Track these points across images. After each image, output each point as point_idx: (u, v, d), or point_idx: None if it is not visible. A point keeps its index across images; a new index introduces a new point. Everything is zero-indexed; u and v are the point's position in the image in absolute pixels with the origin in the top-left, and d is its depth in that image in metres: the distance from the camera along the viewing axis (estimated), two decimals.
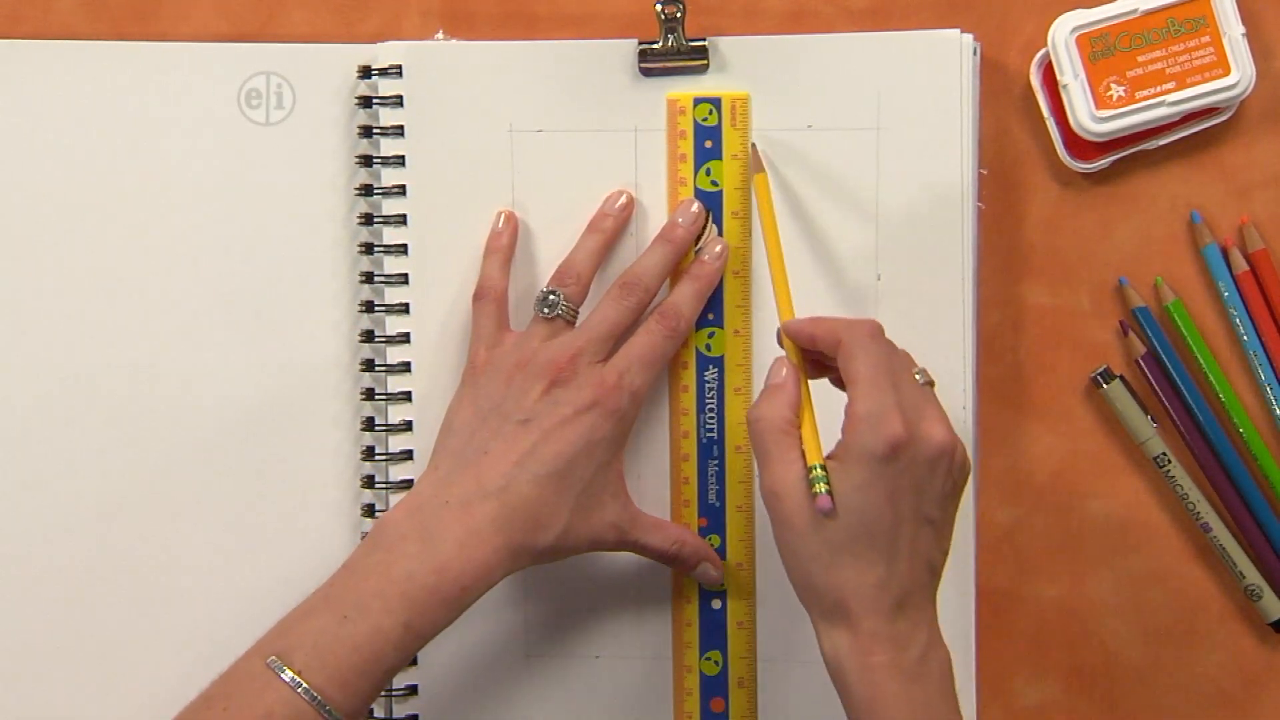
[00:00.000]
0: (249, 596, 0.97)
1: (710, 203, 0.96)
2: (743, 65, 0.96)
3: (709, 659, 0.97)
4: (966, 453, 0.85)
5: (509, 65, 0.96)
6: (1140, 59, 0.94)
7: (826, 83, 0.95)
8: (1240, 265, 0.96)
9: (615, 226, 0.95)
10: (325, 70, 0.98)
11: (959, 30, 0.95)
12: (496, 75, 0.96)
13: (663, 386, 0.96)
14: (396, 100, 0.97)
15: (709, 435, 0.96)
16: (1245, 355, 0.96)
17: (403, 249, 0.97)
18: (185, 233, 0.98)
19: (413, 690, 0.97)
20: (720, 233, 0.96)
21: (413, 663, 0.96)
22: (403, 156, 0.97)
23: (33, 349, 0.98)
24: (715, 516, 0.96)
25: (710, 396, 0.96)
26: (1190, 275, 0.97)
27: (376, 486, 0.97)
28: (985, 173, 0.97)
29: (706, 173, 0.96)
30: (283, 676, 0.84)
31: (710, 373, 0.96)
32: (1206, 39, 0.94)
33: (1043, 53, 0.96)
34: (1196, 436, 0.96)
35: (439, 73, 0.97)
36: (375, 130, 0.97)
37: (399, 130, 0.97)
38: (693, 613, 0.97)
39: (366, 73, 0.97)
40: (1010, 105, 0.97)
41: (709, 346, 0.96)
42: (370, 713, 0.97)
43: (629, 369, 0.92)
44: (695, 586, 0.97)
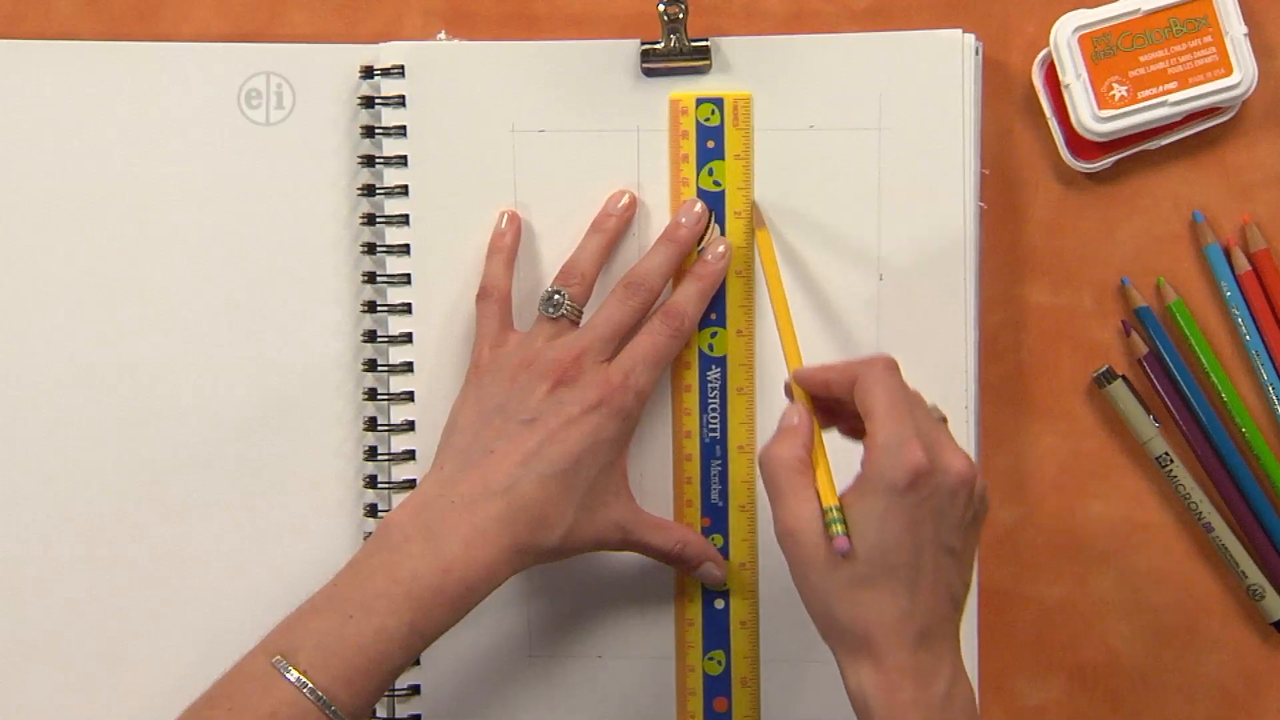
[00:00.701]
0: (251, 596, 0.97)
1: (713, 203, 0.96)
2: (745, 65, 0.96)
3: (712, 658, 0.97)
4: (987, 485, 0.84)
5: (511, 65, 0.96)
6: (1142, 59, 0.94)
7: (828, 83, 0.95)
8: (1242, 265, 0.96)
9: (618, 226, 0.95)
10: (326, 70, 0.98)
11: (961, 30, 0.95)
12: (499, 75, 0.96)
13: (665, 386, 0.96)
14: (399, 100, 0.97)
15: (711, 435, 0.96)
16: (1247, 355, 0.96)
17: (405, 249, 0.97)
18: (186, 233, 0.98)
19: (415, 690, 0.97)
20: (723, 233, 0.96)
21: (415, 663, 0.96)
22: (405, 156, 0.97)
23: (33, 349, 0.98)
24: (718, 516, 0.96)
25: (713, 396, 0.96)
26: (1192, 275, 0.97)
27: (379, 486, 0.97)
28: (987, 172, 0.97)
29: (709, 173, 0.96)
30: (288, 676, 0.84)
31: (713, 373, 0.96)
32: (1209, 39, 0.94)
33: (1045, 52, 0.96)
34: (1199, 436, 0.96)
35: (441, 73, 0.97)
36: (377, 130, 0.97)
37: (401, 130, 0.97)
38: (695, 612, 0.97)
39: (369, 73, 0.97)
40: (1012, 105, 0.97)
41: (712, 346, 0.96)
42: (373, 713, 0.97)
43: (634, 369, 0.92)
44: (698, 586, 0.96)
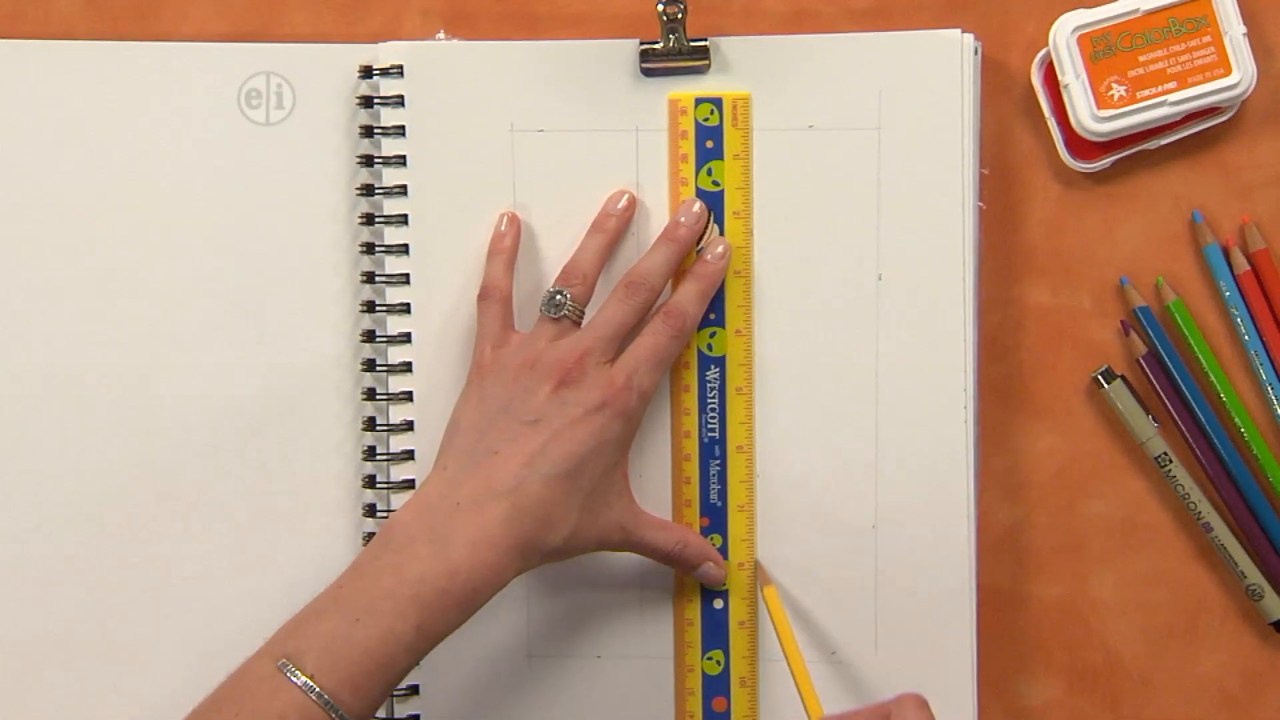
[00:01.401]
0: (250, 596, 0.97)
1: (712, 202, 0.96)
2: (744, 65, 0.96)
3: (711, 658, 0.97)
4: None
5: (510, 65, 0.96)
6: (1141, 59, 0.94)
7: (827, 82, 0.95)
8: (1241, 265, 0.96)
9: (618, 226, 0.95)
10: (326, 70, 0.98)
11: (960, 30, 0.95)
12: (498, 75, 0.96)
13: (664, 386, 0.96)
14: (398, 100, 0.97)
15: (710, 435, 0.96)
16: (1246, 355, 0.96)
17: (404, 249, 0.97)
18: (185, 233, 0.98)
19: (414, 690, 0.97)
20: (722, 232, 0.96)
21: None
22: (404, 156, 0.97)
23: (33, 349, 0.98)
24: (717, 516, 0.96)
25: (712, 396, 0.96)
26: (1191, 275, 0.97)
27: (378, 486, 0.97)
28: (986, 172, 0.97)
29: (708, 172, 0.96)
30: (294, 679, 0.84)
31: (712, 372, 0.96)
32: (1208, 38, 0.94)
33: (1044, 52, 0.96)
34: (1198, 436, 0.96)
35: (440, 73, 0.97)
36: (376, 130, 0.97)
37: (400, 130, 0.97)
38: (694, 612, 0.97)
39: (368, 72, 0.97)
40: (1011, 105, 0.97)
41: (710, 346, 0.96)
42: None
43: (637, 369, 0.92)
44: (697, 586, 0.96)
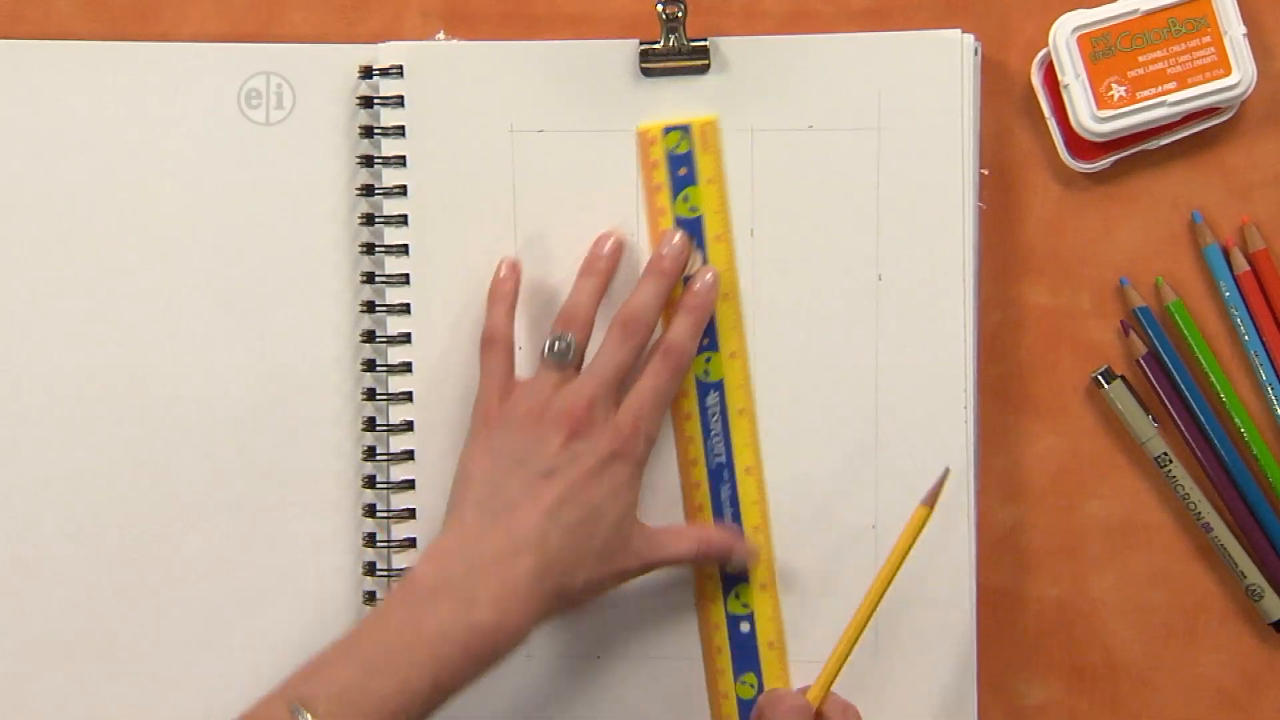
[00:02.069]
0: (249, 597, 0.97)
1: (691, 229, 0.96)
2: (743, 65, 0.96)
3: (744, 683, 0.96)
4: None
5: (510, 65, 0.96)
6: (1141, 59, 0.94)
7: (827, 83, 0.95)
8: (1241, 265, 0.96)
9: (609, 267, 0.95)
10: (325, 70, 0.98)
11: (960, 30, 0.95)
12: (497, 75, 0.96)
13: (666, 417, 0.96)
14: (398, 100, 0.97)
15: (717, 460, 0.96)
16: (1246, 355, 0.96)
17: (404, 249, 0.97)
18: (185, 233, 0.98)
19: None
20: (704, 259, 0.96)
21: None
22: (404, 157, 0.97)
23: (32, 349, 0.98)
24: None
25: (715, 421, 0.96)
26: (1191, 275, 0.97)
27: (378, 486, 0.97)
28: (986, 173, 0.97)
29: (685, 199, 0.96)
30: None
31: (712, 398, 0.96)
32: (1207, 39, 0.94)
33: (1044, 53, 0.96)
34: (1198, 436, 0.96)
35: (440, 73, 0.97)
36: (376, 130, 0.97)
37: (400, 130, 0.97)
38: (722, 638, 0.96)
39: (368, 73, 0.97)
40: (1011, 105, 0.97)
41: (707, 372, 0.96)
42: None
43: (642, 414, 0.92)
44: (722, 612, 0.96)
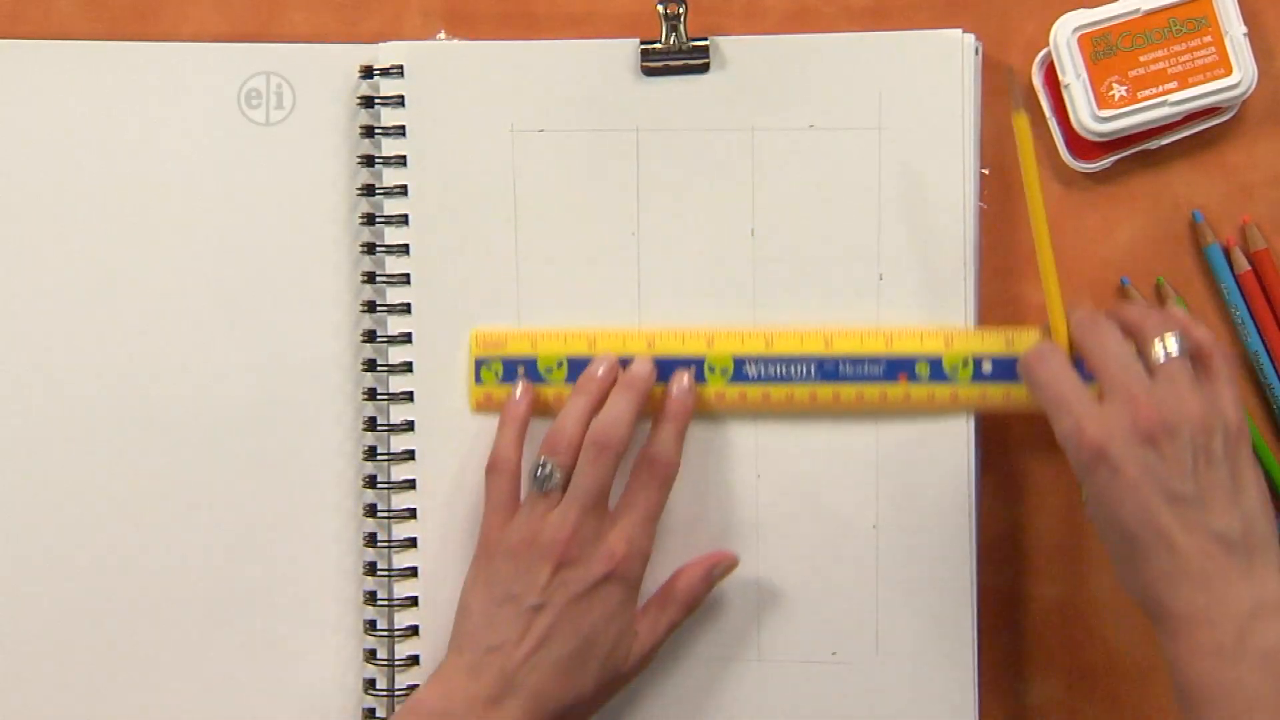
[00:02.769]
0: (249, 597, 0.97)
1: None
2: (744, 65, 0.96)
3: None
4: (1213, 412, 0.85)
5: (510, 65, 0.96)
6: (1142, 59, 0.94)
7: (828, 82, 0.95)
8: (1242, 265, 0.96)
9: (601, 389, 0.94)
10: (326, 70, 0.98)
11: (961, 30, 0.95)
12: (498, 75, 0.96)
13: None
14: (398, 100, 0.97)
15: None
16: (1247, 355, 0.96)
17: (404, 249, 0.97)
18: (185, 233, 0.98)
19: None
20: None
21: (414, 661, 0.96)
22: (404, 156, 0.97)
23: (32, 349, 0.98)
24: None
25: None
26: (1192, 275, 0.97)
27: (378, 486, 0.97)
28: (987, 172, 0.97)
29: None
30: None
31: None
32: (1208, 39, 0.94)
33: (1044, 52, 0.96)
34: None
35: (440, 73, 0.97)
36: (377, 130, 0.97)
37: (400, 130, 0.97)
38: None
39: (368, 73, 0.97)
40: (1012, 105, 0.97)
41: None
42: (372, 712, 0.97)
43: (634, 534, 0.92)
44: None
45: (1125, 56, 0.94)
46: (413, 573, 0.97)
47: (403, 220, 0.97)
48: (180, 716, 0.97)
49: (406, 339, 0.97)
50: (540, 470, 0.92)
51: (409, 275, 0.97)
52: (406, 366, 0.97)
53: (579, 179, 0.96)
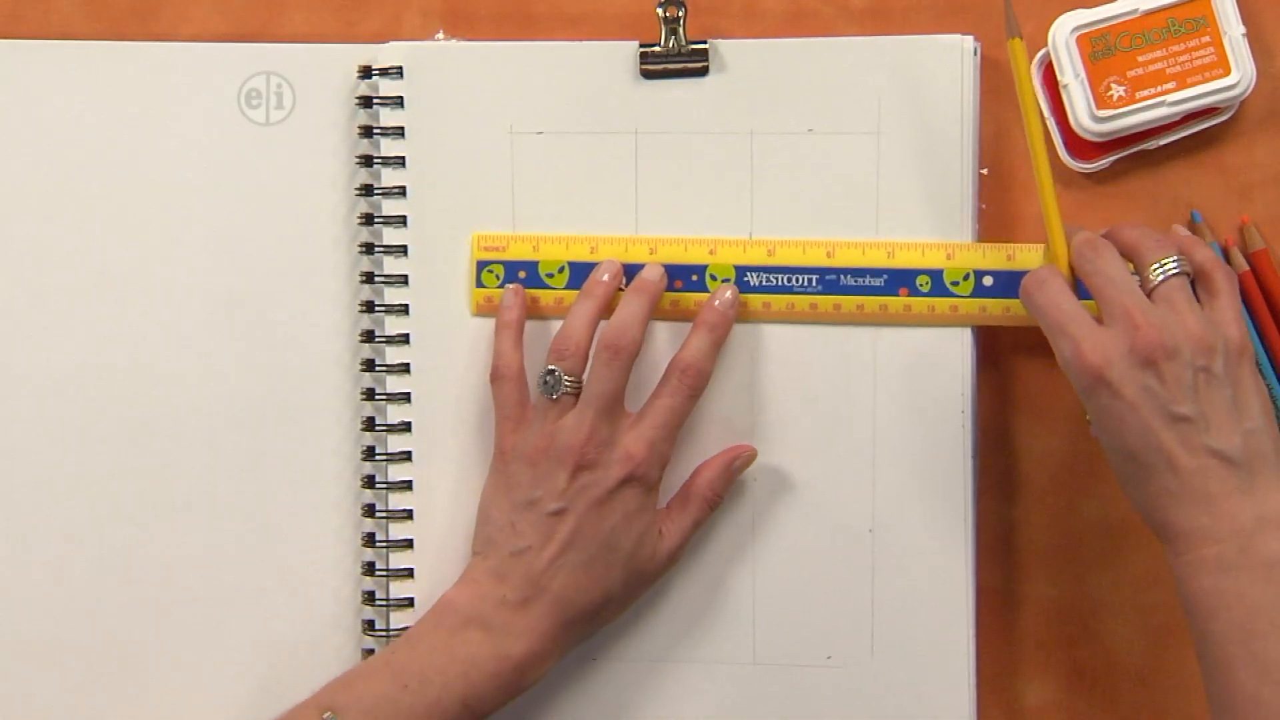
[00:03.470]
0: (249, 597, 0.97)
1: None
2: (743, 68, 0.96)
3: None
4: (1213, 331, 0.85)
5: (510, 66, 0.96)
6: (1140, 59, 0.94)
7: (827, 86, 0.95)
8: (1241, 265, 0.96)
9: (607, 292, 0.94)
10: (325, 70, 0.98)
11: (960, 35, 0.95)
12: (497, 76, 0.96)
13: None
14: (397, 101, 0.97)
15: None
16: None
17: (403, 250, 0.97)
18: (185, 233, 0.98)
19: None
20: None
21: None
22: (403, 157, 0.97)
23: (32, 349, 0.98)
24: None
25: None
26: None
27: (377, 486, 0.97)
28: (986, 173, 0.97)
29: None
30: None
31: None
32: (1207, 39, 0.94)
33: (1043, 52, 0.96)
34: None
35: (439, 73, 0.97)
36: (376, 130, 0.97)
37: (399, 131, 0.97)
38: None
39: (367, 73, 0.97)
40: (1011, 105, 0.97)
41: None
42: None
43: (656, 437, 0.92)
44: None
45: (1124, 57, 0.94)
46: (409, 574, 0.97)
47: (401, 221, 0.97)
48: (180, 716, 0.97)
49: (404, 339, 0.97)
50: (550, 377, 0.92)
51: (407, 276, 0.97)
52: (404, 367, 0.97)
53: (578, 181, 0.96)
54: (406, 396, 0.97)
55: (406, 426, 0.97)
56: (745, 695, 0.96)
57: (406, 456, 0.97)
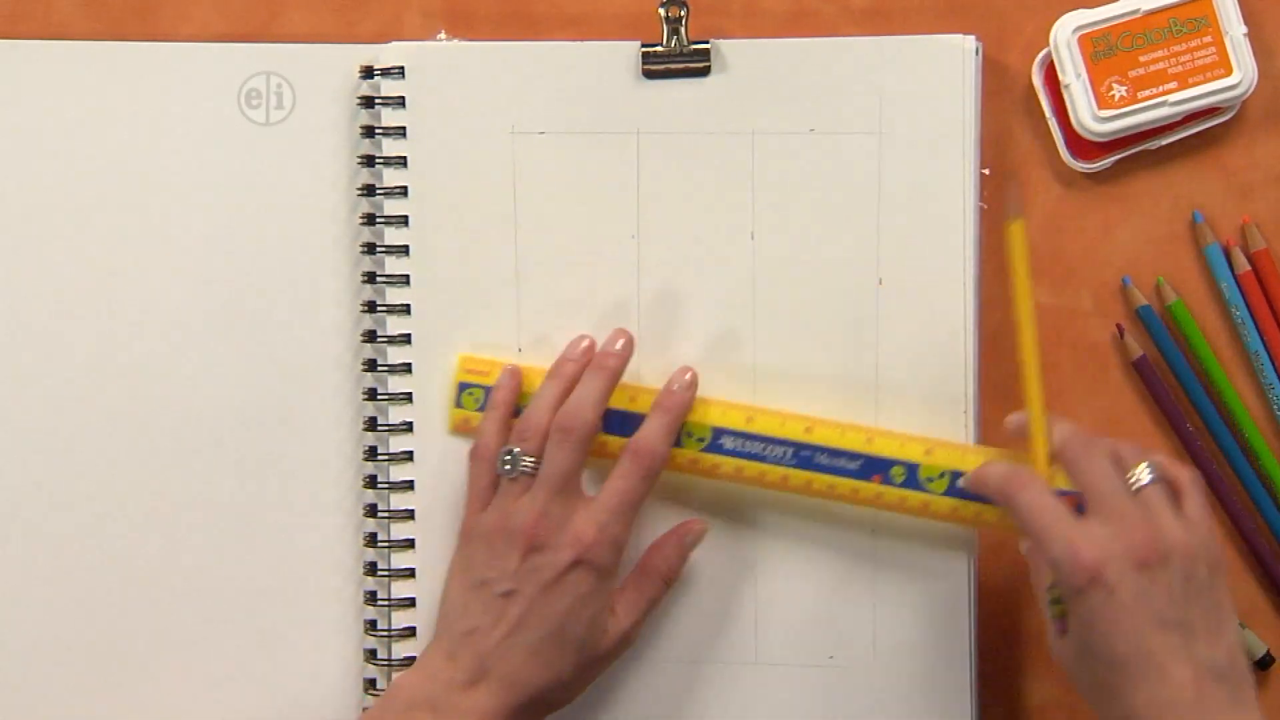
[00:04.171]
0: (249, 597, 0.97)
1: None
2: (745, 68, 0.96)
3: None
4: (1196, 540, 0.84)
5: (511, 66, 0.96)
6: (1142, 59, 0.94)
7: (829, 86, 0.95)
8: (1242, 265, 0.96)
9: (576, 373, 0.94)
10: (326, 70, 0.98)
11: (962, 35, 0.95)
12: (499, 76, 0.96)
13: None
14: (398, 101, 0.97)
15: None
16: (1247, 355, 0.96)
17: (404, 250, 0.97)
18: (185, 233, 0.98)
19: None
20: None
21: (413, 662, 0.96)
22: (404, 157, 0.97)
23: (32, 349, 0.98)
24: None
25: None
26: (1192, 275, 0.97)
27: (378, 486, 0.97)
28: (987, 173, 0.97)
29: None
30: None
31: None
32: (1208, 39, 0.94)
33: (1044, 52, 0.96)
34: (1198, 436, 0.96)
35: (441, 74, 0.97)
36: (377, 130, 0.97)
37: (401, 131, 0.97)
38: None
39: (368, 73, 0.97)
40: (1012, 105, 0.97)
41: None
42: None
43: (607, 520, 0.91)
44: None
45: (1125, 56, 0.94)
46: (410, 574, 0.97)
47: (403, 221, 0.97)
48: (180, 716, 0.97)
49: (406, 339, 0.97)
50: (509, 456, 0.92)
51: (409, 276, 0.97)
52: (406, 367, 0.97)
53: (579, 181, 0.96)
54: (408, 396, 0.97)
55: (408, 427, 0.97)
56: (748, 694, 0.96)
57: (408, 457, 0.97)
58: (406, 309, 0.97)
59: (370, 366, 0.97)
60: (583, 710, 0.96)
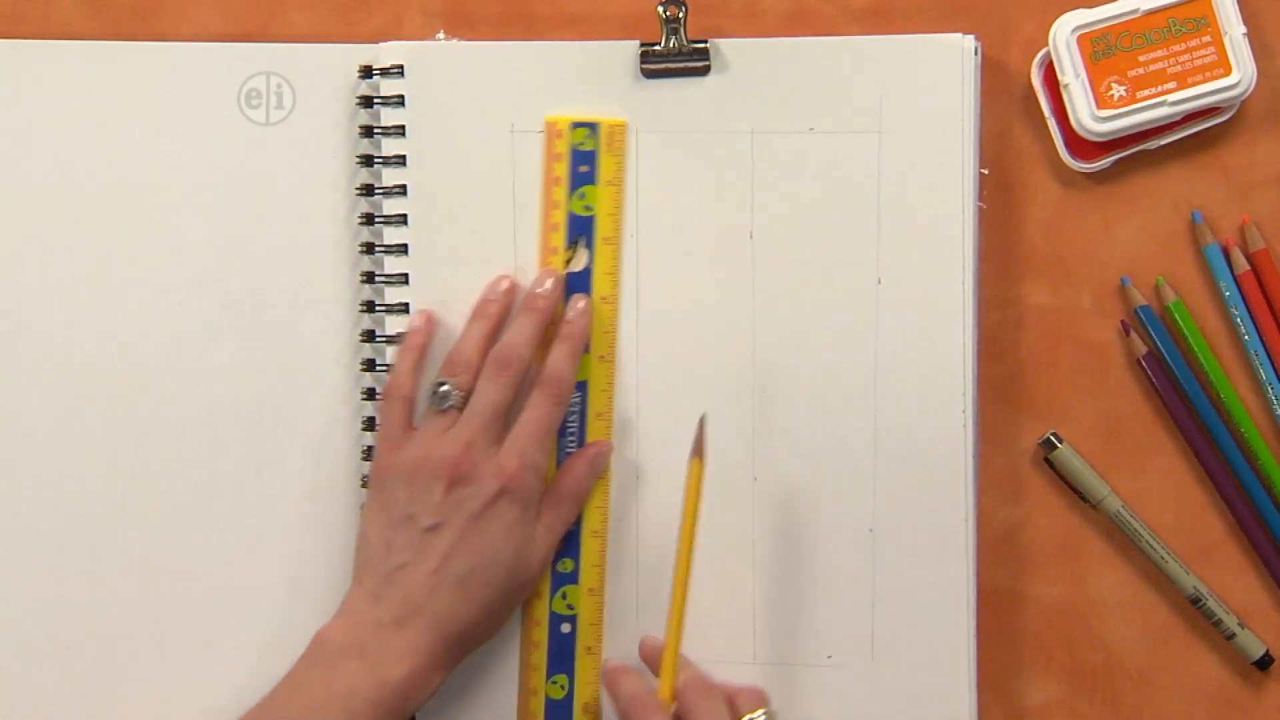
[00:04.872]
0: (248, 597, 0.97)
1: (581, 228, 0.96)
2: (744, 67, 0.96)
3: (555, 683, 0.96)
4: None
5: (510, 65, 0.96)
6: (1141, 59, 0.94)
7: (828, 86, 0.95)
8: (1241, 265, 0.96)
9: (500, 311, 0.95)
10: (325, 70, 0.98)
11: (961, 34, 0.95)
12: (498, 75, 0.96)
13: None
14: (398, 100, 0.97)
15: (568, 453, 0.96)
16: (1246, 355, 0.96)
17: (403, 249, 0.97)
18: (185, 233, 0.98)
19: None
20: (591, 258, 0.95)
21: None
22: (404, 156, 0.97)
23: (32, 349, 0.98)
24: (569, 541, 0.96)
25: (572, 421, 0.96)
26: (1191, 275, 0.97)
27: None
28: (986, 173, 0.97)
29: (580, 196, 0.96)
30: None
31: (574, 397, 0.96)
32: (1208, 38, 0.94)
33: (1044, 52, 0.96)
34: (1197, 436, 0.96)
35: (440, 73, 0.97)
36: (376, 130, 0.97)
37: (400, 130, 0.97)
38: (541, 635, 0.96)
39: (368, 72, 0.97)
40: (1011, 105, 0.97)
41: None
42: None
43: (526, 449, 0.92)
44: (545, 610, 0.96)
45: (1124, 56, 0.94)
46: None
47: (402, 220, 0.97)
48: (180, 716, 0.97)
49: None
50: (439, 388, 0.92)
51: (408, 275, 0.97)
52: None
53: None
54: None
55: None
56: None
57: None
58: (405, 308, 0.97)
59: (369, 366, 0.97)
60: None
